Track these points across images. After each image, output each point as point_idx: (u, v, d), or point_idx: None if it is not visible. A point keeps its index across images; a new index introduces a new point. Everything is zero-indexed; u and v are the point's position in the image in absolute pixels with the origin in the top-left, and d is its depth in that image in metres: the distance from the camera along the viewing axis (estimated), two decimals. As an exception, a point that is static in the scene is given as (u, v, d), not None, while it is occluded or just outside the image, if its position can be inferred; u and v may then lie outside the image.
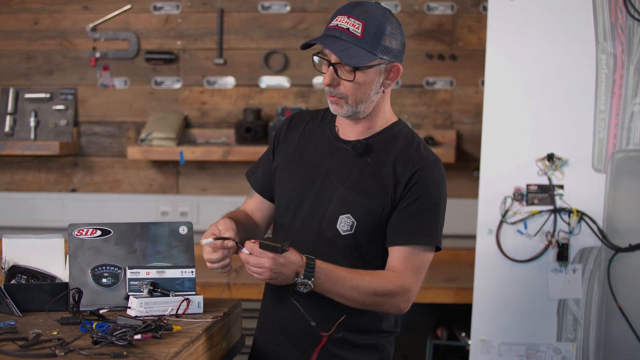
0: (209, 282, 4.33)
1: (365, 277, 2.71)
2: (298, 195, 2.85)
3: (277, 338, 2.89)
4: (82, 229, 2.84)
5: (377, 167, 2.80)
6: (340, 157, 2.84)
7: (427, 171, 2.77)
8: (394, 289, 2.72)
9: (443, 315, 4.63)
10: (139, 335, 2.42)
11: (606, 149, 3.79)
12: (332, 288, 2.67)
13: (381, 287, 2.71)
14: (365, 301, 2.72)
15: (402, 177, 2.76)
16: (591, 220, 3.78)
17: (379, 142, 2.83)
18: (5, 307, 2.72)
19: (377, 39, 2.70)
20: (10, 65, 5.24)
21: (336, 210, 2.78)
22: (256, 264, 2.60)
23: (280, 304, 2.86)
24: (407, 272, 2.74)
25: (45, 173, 5.24)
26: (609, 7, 3.79)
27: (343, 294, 2.69)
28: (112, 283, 2.83)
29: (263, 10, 5.09)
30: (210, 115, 5.14)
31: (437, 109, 5.00)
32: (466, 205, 4.71)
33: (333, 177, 2.82)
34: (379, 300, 2.72)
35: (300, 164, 2.88)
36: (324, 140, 2.88)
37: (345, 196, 2.78)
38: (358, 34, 2.68)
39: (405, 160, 2.78)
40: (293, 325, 2.84)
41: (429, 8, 4.99)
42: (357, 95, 2.73)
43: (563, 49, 3.83)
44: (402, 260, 2.75)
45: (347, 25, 2.69)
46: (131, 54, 5.16)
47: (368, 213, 2.77)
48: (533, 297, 3.81)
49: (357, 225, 2.77)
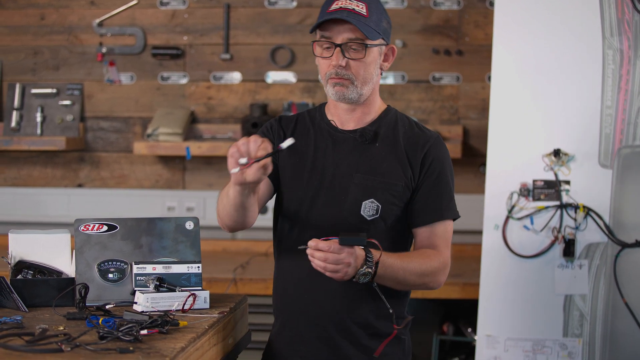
0: (215, 278, 4.33)
1: (413, 258, 2.74)
2: (309, 191, 2.83)
3: (303, 335, 2.86)
4: (89, 224, 2.84)
5: (387, 150, 2.82)
6: (346, 147, 2.84)
7: (437, 148, 2.84)
8: (438, 266, 2.78)
9: (449, 311, 4.62)
10: (146, 330, 2.42)
11: (613, 145, 3.78)
12: (386, 273, 2.66)
13: (430, 266, 2.75)
14: (416, 282, 2.76)
15: (415, 158, 2.81)
16: (597, 216, 3.77)
17: (382, 127, 2.86)
18: (12, 302, 2.72)
19: (380, 19, 2.77)
20: (16, 60, 5.24)
21: (358, 197, 2.79)
22: (336, 260, 2.55)
23: (307, 300, 2.84)
24: (443, 247, 2.82)
25: (52, 168, 5.25)
26: (615, 2, 3.78)
27: (397, 277, 2.69)
28: (119, 278, 2.83)
29: (269, 6, 5.09)
30: (216, 110, 5.14)
31: (444, 104, 5.00)
32: (472, 200, 4.70)
33: (344, 166, 2.82)
34: (427, 279, 2.77)
35: (304, 161, 2.86)
36: (323, 135, 2.88)
37: (363, 182, 2.79)
38: (364, 13, 2.73)
39: (413, 141, 2.83)
40: (325, 321, 2.82)
41: (436, 3, 4.98)
42: (365, 76, 2.77)
43: (569, 45, 3.82)
44: (433, 237, 2.81)
45: (351, 6, 2.73)
46: (137, 49, 5.16)
47: (391, 195, 2.79)
48: (539, 292, 3.81)
49: (383, 208, 2.78)
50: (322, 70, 2.80)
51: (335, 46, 2.74)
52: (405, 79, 5.00)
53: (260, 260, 4.76)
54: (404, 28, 4.99)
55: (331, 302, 2.80)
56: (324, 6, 2.78)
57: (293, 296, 2.87)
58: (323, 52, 2.78)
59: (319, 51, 2.79)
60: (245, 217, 2.72)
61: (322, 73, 2.81)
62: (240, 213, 2.70)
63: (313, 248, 2.56)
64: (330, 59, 2.75)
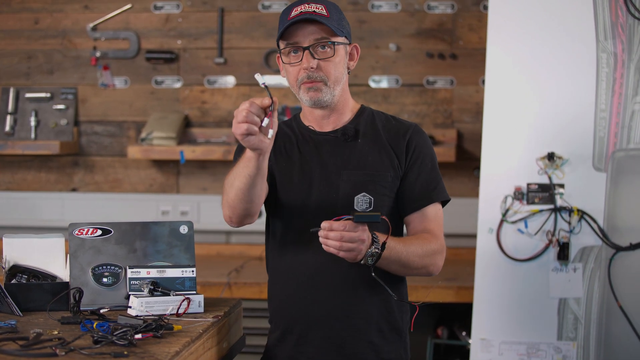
0: (210, 282, 4.32)
1: (413, 241, 2.77)
2: (301, 193, 2.84)
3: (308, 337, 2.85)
4: (83, 228, 2.84)
5: (370, 144, 2.86)
6: (329, 148, 2.87)
7: (417, 134, 2.90)
8: (437, 247, 2.81)
9: (443, 315, 4.62)
10: (140, 334, 2.42)
11: (607, 148, 3.78)
12: (392, 255, 2.67)
13: (429, 248, 2.78)
14: (418, 264, 2.77)
15: (399, 147, 2.86)
16: (592, 219, 3.77)
17: (360, 124, 2.90)
18: (6, 307, 2.72)
19: (340, 18, 2.82)
20: (10, 64, 5.24)
21: (349, 193, 2.81)
22: (351, 239, 2.55)
23: (309, 300, 2.83)
24: (437, 230, 2.86)
25: (46, 172, 5.24)
26: (609, 5, 3.78)
27: (401, 259, 2.71)
28: (113, 282, 2.83)
29: (263, 10, 5.09)
30: (210, 114, 5.14)
31: (438, 108, 5.00)
32: (467, 204, 4.71)
33: (331, 166, 2.84)
34: (428, 261, 2.79)
35: (291, 166, 2.87)
36: (304, 139, 2.90)
37: (352, 178, 2.82)
38: (325, 14, 2.77)
39: (394, 132, 2.89)
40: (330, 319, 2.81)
41: (430, 7, 4.99)
42: (336, 75, 2.80)
43: (563, 48, 3.83)
44: (425, 221, 2.85)
45: (311, 9, 2.77)
46: (131, 53, 5.16)
47: (382, 186, 2.82)
48: (533, 296, 3.81)
49: (376, 200, 2.81)
50: (291, 78, 2.83)
51: (303, 49, 2.77)
52: (399, 82, 5.00)
53: (255, 264, 4.76)
54: (397, 32, 4.99)
55: (333, 300, 2.81)
56: (282, 16, 2.81)
57: (294, 298, 2.86)
58: (291, 59, 2.81)
59: (287, 59, 2.82)
60: (254, 200, 2.70)
61: (292, 81, 2.84)
62: (252, 193, 2.68)
63: (327, 229, 2.56)
64: (300, 64, 2.78)
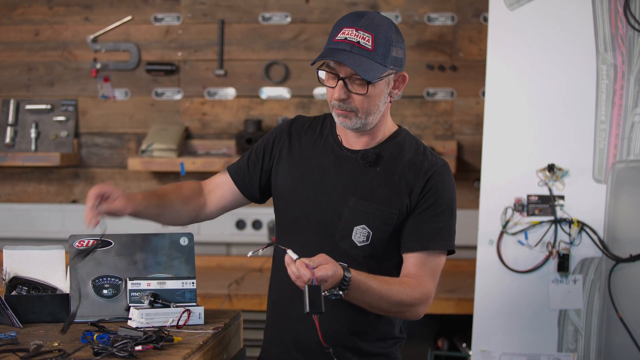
0: (210, 294, 4.32)
1: (392, 286, 2.65)
2: (305, 208, 2.80)
3: (290, 353, 2.84)
4: (83, 240, 2.84)
5: (387, 175, 2.77)
6: (347, 167, 2.80)
7: (439, 177, 2.76)
8: (419, 297, 2.69)
9: (444, 326, 4.62)
10: (140, 346, 2.42)
11: (607, 160, 3.79)
12: (361, 297, 2.60)
13: (408, 296, 2.66)
14: (390, 310, 2.68)
15: (416, 185, 2.75)
16: (592, 231, 3.78)
17: (386, 150, 2.80)
18: (6, 319, 2.72)
19: (387, 50, 2.67)
20: (11, 76, 5.25)
21: (350, 222, 2.75)
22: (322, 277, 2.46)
23: (294, 317, 2.80)
24: (427, 278, 2.73)
25: (46, 184, 5.24)
26: (609, 17, 3.79)
27: (371, 302, 2.63)
28: (113, 294, 2.83)
29: (264, 22, 5.10)
30: (211, 126, 5.14)
31: (438, 119, 5.01)
32: (467, 215, 4.69)
33: (341, 188, 2.78)
34: (404, 309, 2.69)
35: (304, 176, 2.83)
36: (328, 149, 2.84)
37: (357, 206, 2.75)
38: (369, 47, 2.64)
39: (416, 167, 2.77)
40: (308, 339, 2.77)
41: (430, 19, 4.99)
42: (368, 108, 2.70)
43: (563, 60, 3.83)
44: (420, 265, 2.74)
45: (357, 39, 2.64)
46: (132, 65, 5.17)
47: (383, 222, 2.74)
48: (534, 307, 3.81)
49: (374, 235, 2.74)
50: (328, 96, 2.74)
51: (338, 79, 2.68)
52: (399, 94, 5.00)
53: (255, 276, 4.75)
54: (398, 44, 5.00)
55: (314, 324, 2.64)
56: (332, 32, 2.70)
57: (282, 309, 2.85)
58: (328, 80, 2.72)
59: (324, 77, 2.72)
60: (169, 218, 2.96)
61: (328, 99, 2.75)
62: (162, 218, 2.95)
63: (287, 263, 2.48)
64: (334, 90, 2.70)
